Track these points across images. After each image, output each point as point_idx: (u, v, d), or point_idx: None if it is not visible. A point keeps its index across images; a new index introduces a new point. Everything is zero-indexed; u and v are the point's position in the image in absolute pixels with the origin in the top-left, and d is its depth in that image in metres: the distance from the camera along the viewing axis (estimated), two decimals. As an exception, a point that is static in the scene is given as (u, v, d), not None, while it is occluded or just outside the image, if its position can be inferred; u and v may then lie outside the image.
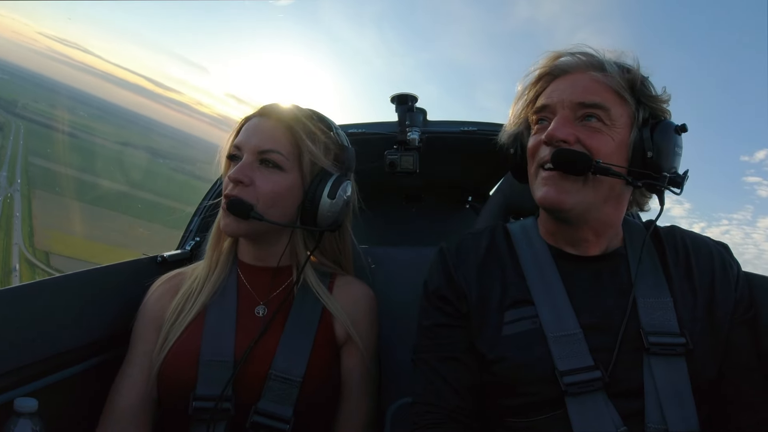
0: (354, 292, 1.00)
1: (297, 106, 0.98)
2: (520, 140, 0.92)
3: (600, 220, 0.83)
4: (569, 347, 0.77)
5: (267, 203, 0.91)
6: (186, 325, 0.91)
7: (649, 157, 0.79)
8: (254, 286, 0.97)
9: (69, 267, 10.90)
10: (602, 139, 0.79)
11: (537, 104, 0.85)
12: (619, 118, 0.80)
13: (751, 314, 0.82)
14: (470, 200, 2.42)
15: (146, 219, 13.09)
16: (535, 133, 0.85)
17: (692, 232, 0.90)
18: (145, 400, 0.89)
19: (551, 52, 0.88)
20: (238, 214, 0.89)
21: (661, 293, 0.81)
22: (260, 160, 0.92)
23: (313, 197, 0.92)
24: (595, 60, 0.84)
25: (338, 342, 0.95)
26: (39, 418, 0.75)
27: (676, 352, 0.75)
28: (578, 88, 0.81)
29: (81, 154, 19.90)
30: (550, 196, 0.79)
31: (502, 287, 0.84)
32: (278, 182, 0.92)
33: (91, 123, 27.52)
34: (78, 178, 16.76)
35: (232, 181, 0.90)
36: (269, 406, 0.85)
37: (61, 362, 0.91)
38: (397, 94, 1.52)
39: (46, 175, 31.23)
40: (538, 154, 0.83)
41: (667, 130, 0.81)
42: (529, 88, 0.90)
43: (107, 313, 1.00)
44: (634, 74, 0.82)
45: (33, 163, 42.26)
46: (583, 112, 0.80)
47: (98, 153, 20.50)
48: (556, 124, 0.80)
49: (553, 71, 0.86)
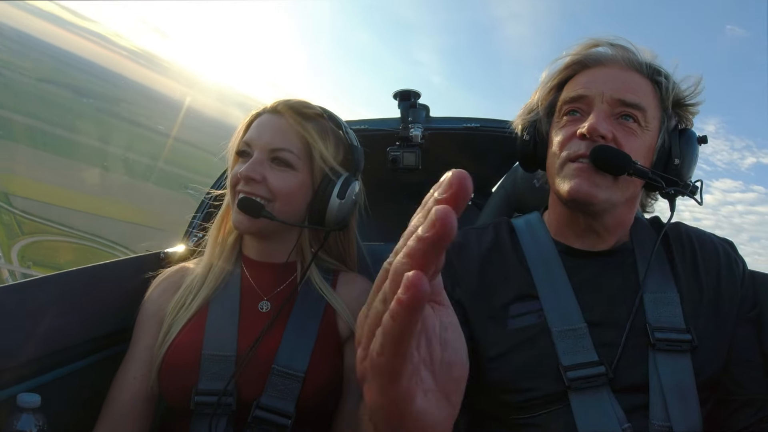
0: (357, 288, 1.00)
1: (308, 103, 0.97)
2: (536, 128, 0.89)
3: (616, 217, 0.82)
4: (573, 342, 0.76)
5: (278, 201, 0.91)
6: (188, 319, 0.91)
7: (676, 165, 0.79)
8: (258, 281, 0.97)
9: (31, 207, 10.75)
10: (636, 141, 0.78)
11: (571, 94, 0.82)
12: (652, 120, 0.79)
13: (755, 312, 0.82)
14: (473, 197, 2.41)
15: (87, 162, 12.70)
16: (564, 125, 0.82)
17: (697, 228, 0.90)
18: (146, 395, 0.89)
19: (587, 39, 0.85)
20: (250, 213, 0.89)
21: (668, 288, 0.80)
22: (271, 158, 0.92)
23: (323, 197, 0.93)
24: (634, 57, 0.82)
25: (341, 338, 0.95)
26: (42, 413, 0.75)
27: (682, 348, 0.75)
28: (619, 83, 0.79)
29: (5, 93, 18.15)
30: (583, 188, 0.77)
31: (506, 282, 0.84)
32: (289, 181, 0.92)
33: (7, 57, 25.12)
34: (15, 121, 15.63)
35: (243, 178, 0.90)
36: (271, 401, 0.85)
37: (64, 358, 0.91)
38: (399, 90, 1.52)
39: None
40: (570, 146, 0.79)
41: (693, 139, 0.81)
42: (556, 73, 0.87)
43: (110, 309, 1.00)
44: (669, 79, 0.81)
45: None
46: (622, 110, 0.78)
47: (22, 91, 18.68)
48: (597, 118, 0.76)
49: (587, 60, 0.83)
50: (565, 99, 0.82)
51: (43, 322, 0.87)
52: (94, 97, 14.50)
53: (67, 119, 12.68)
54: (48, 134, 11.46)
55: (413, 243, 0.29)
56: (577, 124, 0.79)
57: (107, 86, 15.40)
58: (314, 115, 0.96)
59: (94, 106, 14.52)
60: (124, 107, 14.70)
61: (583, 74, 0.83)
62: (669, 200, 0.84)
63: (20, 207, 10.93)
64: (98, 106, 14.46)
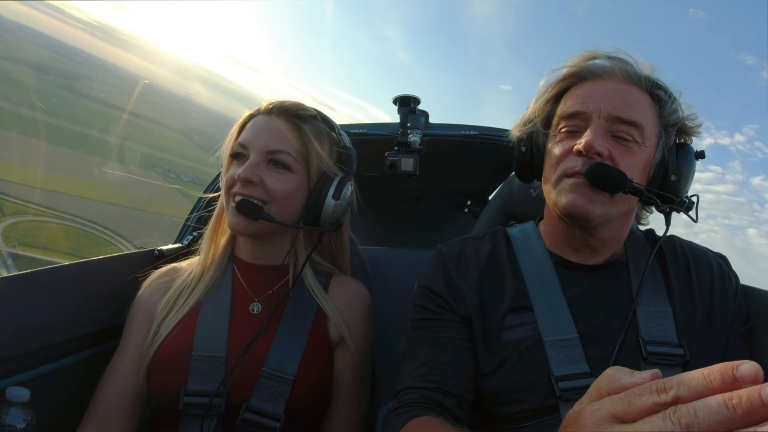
0: (349, 293, 1.00)
1: (303, 104, 0.97)
2: (534, 139, 0.88)
3: (612, 231, 0.82)
4: (565, 352, 0.76)
5: (276, 203, 0.91)
6: (179, 320, 0.90)
7: (672, 181, 0.79)
8: (250, 283, 0.97)
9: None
10: (632, 159, 0.77)
11: (568, 110, 0.81)
12: (650, 137, 0.78)
13: (747, 327, 0.82)
14: (469, 204, 2.42)
15: (56, 143, 12.28)
16: (561, 140, 0.81)
17: (691, 242, 0.90)
18: (133, 393, 0.89)
19: (585, 51, 0.84)
20: (249, 215, 0.88)
21: (662, 302, 0.80)
22: (268, 160, 0.92)
23: (318, 198, 0.93)
24: (633, 70, 0.81)
25: (332, 342, 0.95)
26: (31, 408, 0.75)
27: (674, 362, 0.75)
28: (617, 99, 0.77)
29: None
30: (579, 204, 0.76)
31: (502, 293, 0.83)
32: (287, 183, 0.92)
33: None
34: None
35: (240, 180, 0.90)
36: (260, 403, 0.85)
37: (54, 353, 0.90)
38: (399, 96, 1.52)
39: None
40: (566, 162, 0.79)
41: (691, 155, 0.81)
42: (553, 85, 0.86)
43: (102, 305, 1.00)
44: (669, 95, 0.80)
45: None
46: (619, 127, 0.77)
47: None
48: (594, 134, 0.75)
49: (585, 73, 0.82)
50: (562, 114, 0.82)
51: (34, 316, 0.86)
52: (55, 74, 14.22)
53: (29, 97, 12.40)
54: (11, 113, 11.23)
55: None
56: (574, 139, 0.79)
57: (67, 61, 15.03)
58: (309, 116, 0.96)
59: (54, 83, 14.25)
60: (86, 83, 14.43)
61: (581, 87, 0.82)
62: (664, 215, 0.84)
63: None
64: (60, 83, 14.19)
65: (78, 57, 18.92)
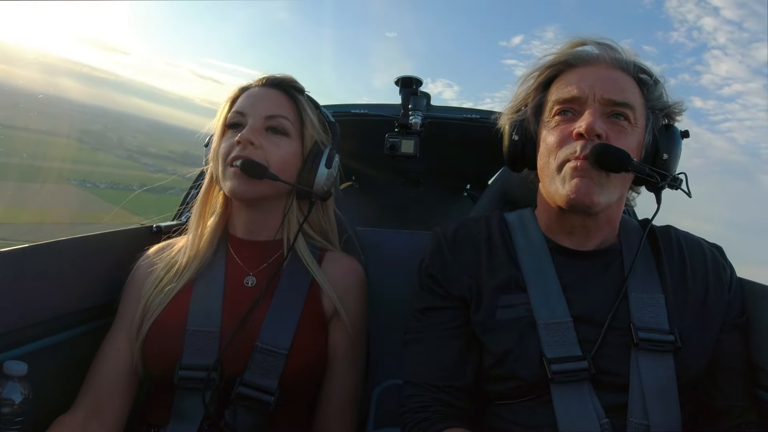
0: (343, 266, 1.01)
1: (294, 79, 1.01)
2: (524, 127, 0.89)
3: (608, 215, 0.84)
4: (558, 335, 0.77)
5: (275, 168, 0.92)
6: (173, 297, 0.91)
7: (664, 159, 0.82)
8: (243, 258, 0.97)
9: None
10: (626, 139, 0.79)
11: (564, 95, 0.82)
12: (640, 119, 0.81)
13: (743, 320, 0.83)
14: (468, 188, 2.41)
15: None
16: (557, 125, 0.82)
17: (687, 232, 0.91)
18: (129, 368, 0.90)
19: (573, 38, 0.86)
20: (253, 174, 0.89)
21: (654, 289, 0.81)
22: (266, 126, 0.94)
23: (312, 165, 0.96)
24: (620, 56, 0.83)
25: (325, 316, 0.96)
26: (28, 381, 0.75)
27: (664, 349, 0.76)
28: (609, 84, 0.80)
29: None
30: (583, 189, 0.76)
31: (497, 273, 0.84)
32: (284, 148, 0.94)
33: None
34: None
35: (242, 141, 0.90)
36: (254, 377, 0.86)
37: (51, 327, 0.91)
38: (401, 76, 1.50)
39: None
40: (566, 148, 0.79)
41: (677, 135, 0.84)
42: (541, 70, 0.87)
43: (99, 281, 1.00)
44: (654, 79, 0.84)
45: None
46: (613, 109, 0.79)
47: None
48: (593, 117, 0.77)
49: (574, 60, 0.84)
50: (558, 100, 0.82)
51: (32, 291, 0.86)
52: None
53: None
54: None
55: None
56: (570, 124, 0.80)
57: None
58: (301, 89, 1.01)
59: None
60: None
61: (571, 74, 0.83)
62: (655, 193, 0.86)
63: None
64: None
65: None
